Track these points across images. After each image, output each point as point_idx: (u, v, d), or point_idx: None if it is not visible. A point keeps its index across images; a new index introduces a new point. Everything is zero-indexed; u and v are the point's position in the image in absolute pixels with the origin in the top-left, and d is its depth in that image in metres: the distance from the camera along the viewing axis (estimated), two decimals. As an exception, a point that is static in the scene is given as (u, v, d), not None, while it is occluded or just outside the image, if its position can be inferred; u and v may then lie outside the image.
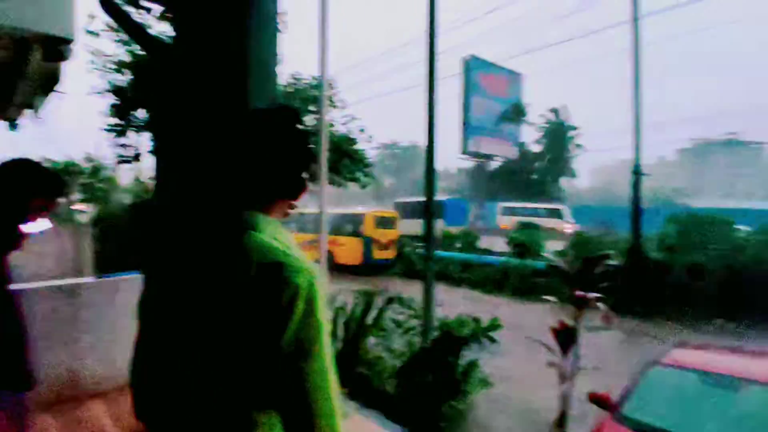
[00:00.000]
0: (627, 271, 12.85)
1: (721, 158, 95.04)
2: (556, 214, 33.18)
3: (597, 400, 4.26)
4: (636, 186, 13.31)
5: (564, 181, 58.12)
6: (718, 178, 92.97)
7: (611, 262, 13.95)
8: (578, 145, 54.96)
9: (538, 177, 55.00)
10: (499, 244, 19.13)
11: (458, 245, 19.81)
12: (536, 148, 56.04)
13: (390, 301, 6.12)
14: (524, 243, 16.59)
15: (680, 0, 21.37)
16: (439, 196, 32.90)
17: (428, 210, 7.20)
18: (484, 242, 20.40)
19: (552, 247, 17.19)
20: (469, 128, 46.74)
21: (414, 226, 17.92)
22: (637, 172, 13.20)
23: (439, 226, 25.48)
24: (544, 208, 36.16)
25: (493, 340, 1.49)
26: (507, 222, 32.19)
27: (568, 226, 28.73)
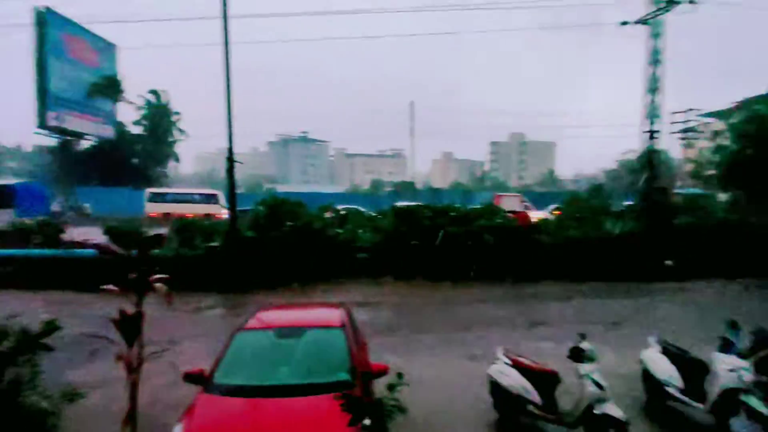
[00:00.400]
0: (226, 250, 14.16)
1: (297, 151, 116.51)
2: (212, 199, 32.06)
3: (191, 376, 4.37)
4: (230, 173, 14.73)
5: (168, 167, 56.69)
6: (296, 167, 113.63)
7: (213, 243, 15.07)
8: (182, 131, 54.65)
9: (140, 161, 51.33)
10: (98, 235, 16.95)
11: (37, 240, 16.21)
12: (136, 130, 51.99)
13: None
14: (125, 231, 15.40)
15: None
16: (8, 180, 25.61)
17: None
18: (77, 234, 17.50)
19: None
20: (49, 98, 38.14)
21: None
22: (230, 160, 14.61)
23: (6, 217, 20.06)
24: (199, 194, 34.62)
25: (48, 349, 1.41)
26: (156, 210, 28.75)
27: (225, 212, 28.20)
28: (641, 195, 19.77)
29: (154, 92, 51.52)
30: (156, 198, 31.97)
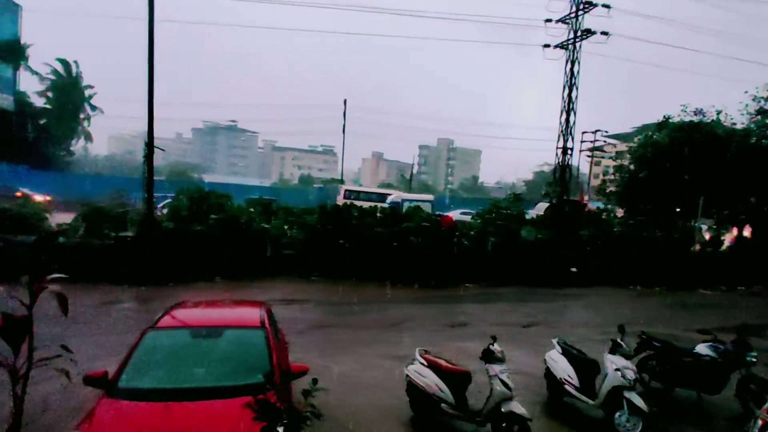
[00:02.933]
0: (139, 241, 13.27)
1: (225, 140, 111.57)
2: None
3: (92, 379, 3.99)
4: (149, 159, 13.81)
5: (78, 146, 51.74)
6: (223, 157, 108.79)
7: (126, 234, 14.03)
8: (94, 107, 50.07)
9: (42, 137, 46.27)
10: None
11: None
12: (40, 102, 46.86)
13: None
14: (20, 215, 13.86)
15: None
16: None
17: None
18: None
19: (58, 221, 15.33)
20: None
21: None
22: (150, 146, 13.70)
23: None
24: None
25: None
26: None
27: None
28: (552, 206, 21.40)
29: (62, 62, 46.81)
30: (350, 195, 30.27)
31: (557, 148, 21.80)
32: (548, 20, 21.46)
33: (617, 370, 5.78)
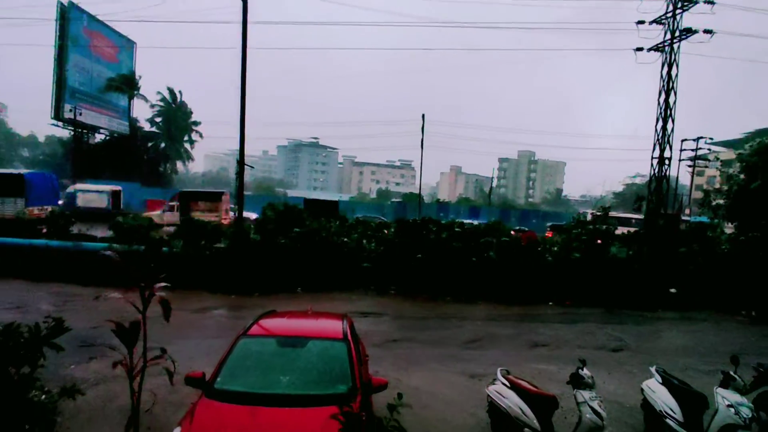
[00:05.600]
0: (231, 252, 14.25)
1: (307, 156, 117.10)
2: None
3: (192, 380, 4.33)
4: (240, 175, 14.89)
5: (179, 165, 57.19)
6: (305, 172, 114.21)
7: (219, 245, 15.16)
8: (196, 130, 55.24)
9: (151, 158, 51.83)
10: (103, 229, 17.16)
11: (44, 230, 16.40)
12: (149, 127, 52.65)
13: None
14: (132, 227, 15.53)
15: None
16: (19, 169, 25.74)
17: None
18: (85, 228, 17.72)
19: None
20: (66, 91, 38.83)
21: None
22: (241, 163, 14.77)
23: (16, 206, 20.31)
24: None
25: (59, 349, 1.42)
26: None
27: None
28: (647, 221, 19.71)
29: (170, 90, 52.21)
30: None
31: (652, 158, 20.16)
32: (641, 22, 20.07)
33: (730, 406, 5.13)
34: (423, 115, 40.12)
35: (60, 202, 26.60)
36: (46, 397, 4.94)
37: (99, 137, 46.83)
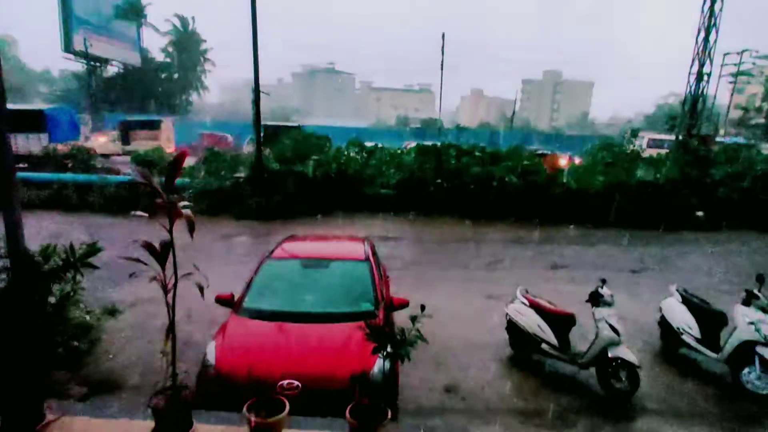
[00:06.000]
0: (251, 181, 14.40)
1: (323, 83, 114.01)
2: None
3: (222, 301, 4.62)
4: (257, 104, 14.62)
5: (195, 97, 56.47)
6: (321, 100, 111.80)
7: (240, 175, 15.29)
8: (208, 60, 53.86)
9: (165, 89, 51.20)
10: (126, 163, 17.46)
11: (70, 164, 16.74)
12: (162, 57, 51.45)
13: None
14: (150, 160, 15.70)
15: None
16: (37, 104, 25.70)
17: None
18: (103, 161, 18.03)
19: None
20: (72, 19, 37.83)
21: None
22: (256, 91, 14.43)
23: (40, 142, 20.57)
24: None
25: (94, 267, 1.49)
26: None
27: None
28: (679, 142, 18.90)
29: (180, 18, 50.33)
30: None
31: (689, 74, 18.87)
32: None
33: (751, 323, 5.15)
34: (443, 34, 38.02)
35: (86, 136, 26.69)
36: (90, 317, 5.31)
37: (112, 70, 46.19)
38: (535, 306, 5.53)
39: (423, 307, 1.78)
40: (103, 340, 5.59)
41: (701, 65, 18.44)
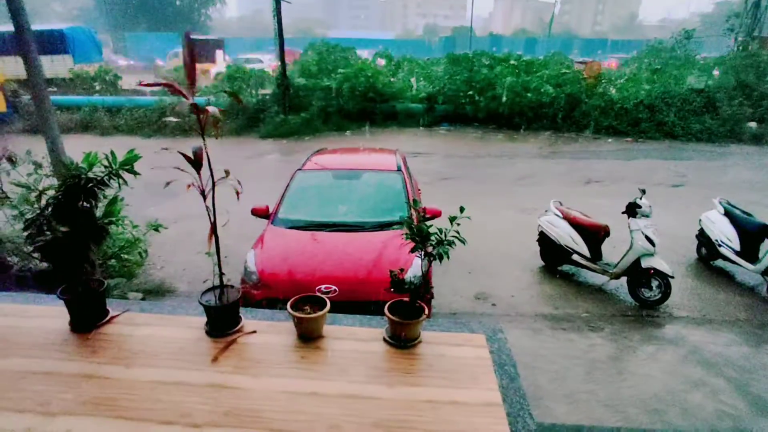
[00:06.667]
0: (278, 97, 14.15)
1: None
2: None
3: (258, 213, 4.72)
4: (278, 15, 13.91)
5: (212, 10, 54.19)
6: (345, 9, 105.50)
7: (265, 92, 15.02)
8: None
9: (184, 4, 49.16)
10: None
11: (97, 87, 16.77)
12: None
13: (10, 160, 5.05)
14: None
15: None
16: (55, 24, 25.08)
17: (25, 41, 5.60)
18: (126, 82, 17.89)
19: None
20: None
21: (19, 67, 13.57)
22: (277, 0, 13.67)
23: (65, 63, 20.42)
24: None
25: (135, 173, 1.53)
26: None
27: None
28: (738, 45, 17.15)
29: None
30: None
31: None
32: None
33: (794, 234, 4.97)
34: (477, -72, 34.27)
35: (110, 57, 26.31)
36: (135, 232, 5.60)
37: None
38: (568, 218, 5.46)
39: (462, 209, 1.76)
40: (151, 254, 5.93)
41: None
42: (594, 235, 5.29)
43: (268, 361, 1.56)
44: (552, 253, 5.69)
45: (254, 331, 1.74)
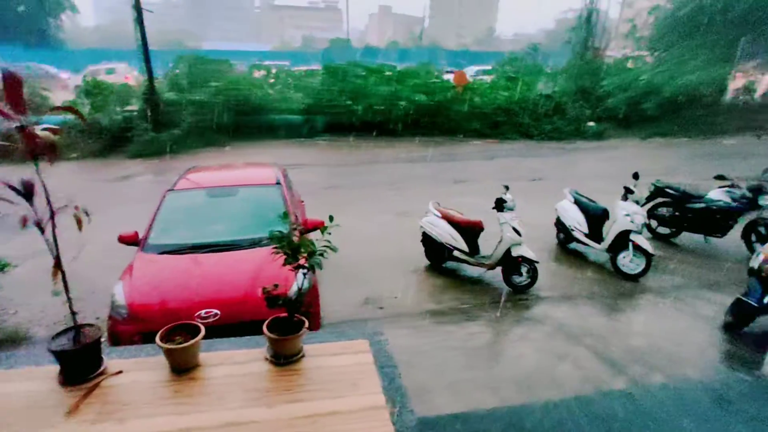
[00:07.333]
0: (144, 114, 13.08)
1: (217, 2, 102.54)
2: None
3: (125, 240, 4.34)
4: (141, 26, 12.89)
5: (63, 19, 48.20)
6: (217, 20, 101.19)
7: (130, 107, 13.78)
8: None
9: (28, 10, 42.99)
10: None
11: None
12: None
13: None
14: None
15: None
16: None
17: None
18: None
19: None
20: None
21: None
22: (138, 9, 12.67)
23: None
24: None
25: None
26: None
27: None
28: (576, 55, 19.90)
29: None
30: None
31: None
32: None
33: (627, 215, 5.91)
34: (344, -56, 35.28)
35: None
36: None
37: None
38: (446, 217, 5.87)
39: (331, 218, 1.81)
40: (1, 297, 5.11)
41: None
42: (470, 231, 5.75)
43: (136, 402, 1.46)
44: (435, 251, 6.06)
45: (120, 372, 1.61)
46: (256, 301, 3.36)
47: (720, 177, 7.22)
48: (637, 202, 6.19)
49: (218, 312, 3.37)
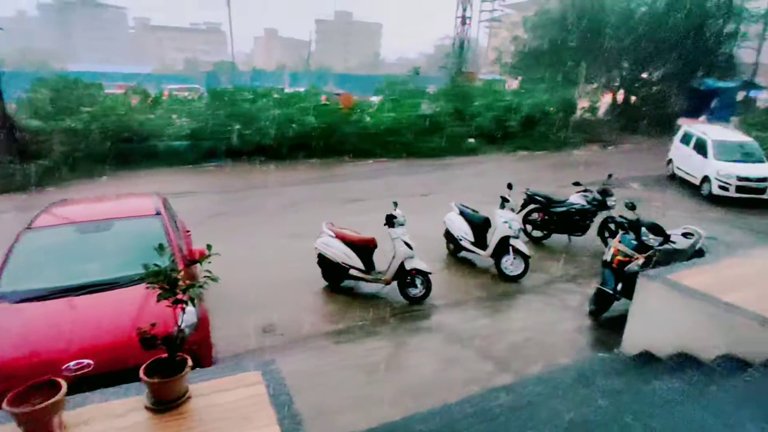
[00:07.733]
0: (6, 143, 11.47)
1: (84, 19, 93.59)
2: None
3: None
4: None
5: None
6: (84, 40, 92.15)
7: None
8: None
9: None
10: None
11: None
12: None
13: None
14: None
15: None
16: None
17: None
18: None
19: None
20: None
21: None
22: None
23: None
24: None
25: None
26: None
27: None
28: (451, 78, 21.60)
29: None
30: None
31: (456, 17, 21.41)
32: None
33: (505, 222, 6.52)
34: (224, -34, 34.58)
35: None
36: None
37: None
38: (340, 237, 5.95)
39: (209, 246, 1.78)
40: None
41: (464, 9, 21.07)
42: (365, 248, 5.90)
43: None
44: (332, 271, 6.10)
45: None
46: (137, 344, 3.08)
47: (576, 183, 8.30)
48: (513, 210, 6.86)
49: (91, 362, 3.04)
